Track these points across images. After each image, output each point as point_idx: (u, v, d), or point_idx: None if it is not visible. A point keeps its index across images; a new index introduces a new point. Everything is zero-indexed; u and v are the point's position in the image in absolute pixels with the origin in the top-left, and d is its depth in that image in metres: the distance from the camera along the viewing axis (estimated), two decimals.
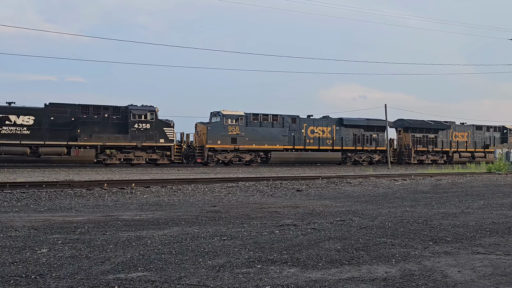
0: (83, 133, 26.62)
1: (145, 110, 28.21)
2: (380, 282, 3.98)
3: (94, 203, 9.84)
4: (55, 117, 26.24)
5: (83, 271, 4.23)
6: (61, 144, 26.12)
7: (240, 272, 4.23)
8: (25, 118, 25.68)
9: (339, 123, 34.53)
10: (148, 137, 28.04)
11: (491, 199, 11.03)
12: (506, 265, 4.56)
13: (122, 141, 27.53)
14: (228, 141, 30.36)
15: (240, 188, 13.36)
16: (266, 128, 31.75)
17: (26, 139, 25.42)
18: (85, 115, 26.92)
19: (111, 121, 27.46)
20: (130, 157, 28.12)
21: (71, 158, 26.51)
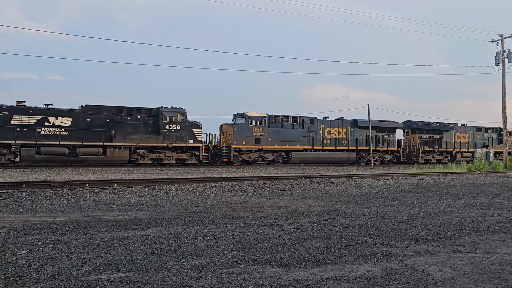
0: (118, 134, 27.52)
1: (175, 112, 29.21)
2: (362, 281, 4.01)
3: (76, 204, 9.72)
4: (91, 118, 27.11)
5: (64, 272, 4.17)
6: (98, 144, 26.95)
7: (223, 272, 4.22)
8: (63, 119, 26.43)
9: (353, 125, 36.12)
10: (178, 138, 29.01)
11: (471, 198, 11.21)
12: (485, 263, 4.63)
13: (154, 141, 28.46)
14: (252, 142, 31.57)
15: (224, 188, 13.33)
16: (287, 129, 33.05)
17: (65, 140, 26.19)
18: (119, 117, 27.83)
19: (143, 123, 28.44)
20: (161, 157, 29.04)
21: (106, 158, 27.39)
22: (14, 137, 25.02)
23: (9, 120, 25.19)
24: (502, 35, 32.25)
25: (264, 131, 31.95)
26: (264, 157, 32.47)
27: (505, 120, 32.47)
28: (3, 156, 25.16)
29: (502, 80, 31.91)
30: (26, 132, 25.36)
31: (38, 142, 25.48)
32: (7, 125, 25.00)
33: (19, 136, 25.15)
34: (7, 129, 24.98)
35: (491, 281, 4.01)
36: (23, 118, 25.53)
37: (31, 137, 25.38)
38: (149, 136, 28.35)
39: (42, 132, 25.72)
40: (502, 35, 32.27)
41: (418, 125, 39.71)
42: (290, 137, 32.95)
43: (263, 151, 32.36)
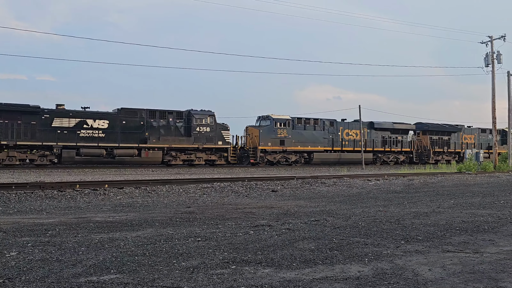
0: (152, 136, 28.68)
1: (205, 115, 30.47)
2: (353, 281, 4.02)
3: (66, 205, 9.65)
4: (127, 121, 28.29)
5: (54, 274, 4.14)
6: (133, 146, 28.17)
7: (215, 273, 4.22)
8: (100, 122, 27.62)
9: (370, 127, 37.90)
10: (208, 140, 30.28)
11: (461, 199, 11.29)
12: (474, 263, 4.67)
13: (185, 143, 29.68)
14: (277, 143, 33.05)
15: (215, 189, 13.32)
16: (309, 131, 34.64)
17: (102, 142, 27.34)
18: (152, 119, 28.98)
19: (175, 125, 29.64)
20: (192, 158, 30.17)
21: (141, 159, 28.65)
22: (56, 139, 26.09)
23: (50, 122, 26.25)
24: (491, 37, 32.55)
25: (288, 132, 33.36)
26: (287, 158, 33.82)
27: (494, 121, 32.77)
28: (45, 157, 26.20)
29: (491, 81, 32.21)
30: (66, 134, 26.48)
31: (78, 144, 26.62)
32: (48, 127, 26.11)
33: (60, 138, 26.23)
34: (49, 132, 26.03)
35: (480, 281, 4.04)
36: (63, 120, 26.67)
37: (71, 139, 26.52)
38: (180, 138, 29.56)
39: (81, 134, 26.89)
40: (491, 36, 32.57)
41: (429, 127, 41.50)
42: (312, 138, 34.41)
43: (287, 152, 33.68)
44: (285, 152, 33.62)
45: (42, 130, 25.89)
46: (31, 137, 25.68)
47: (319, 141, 34.81)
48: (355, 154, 36.05)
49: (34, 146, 26.07)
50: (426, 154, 40.51)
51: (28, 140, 25.62)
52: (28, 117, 25.77)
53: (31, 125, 25.69)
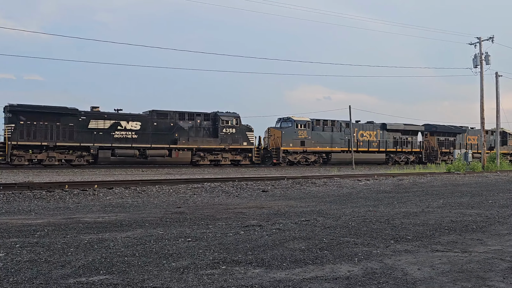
0: (181, 137, 29.98)
1: (231, 116, 31.91)
2: (343, 281, 4.04)
3: (55, 206, 9.58)
4: (158, 122, 29.58)
5: (42, 276, 4.11)
6: (164, 147, 29.41)
7: (205, 274, 4.21)
8: (133, 123, 28.85)
9: (382, 128, 39.44)
10: (234, 140, 31.65)
11: (450, 198, 11.38)
12: (463, 262, 4.71)
13: (212, 144, 31.05)
14: (298, 144, 34.49)
15: (206, 189, 13.29)
16: (327, 132, 36.20)
17: (135, 143, 28.62)
18: (181, 121, 30.29)
19: (202, 126, 31.00)
20: (218, 158, 31.49)
21: (172, 160, 29.84)
22: (92, 140, 27.38)
23: (87, 124, 27.47)
24: (480, 38, 32.85)
25: (308, 134, 34.94)
26: (307, 158, 35.26)
27: (483, 121, 33.08)
28: (83, 158, 27.43)
29: (480, 82, 32.52)
30: (101, 136, 27.73)
31: (113, 144, 27.86)
32: (85, 129, 27.33)
33: (96, 139, 27.51)
34: (86, 133, 27.29)
35: (468, 280, 4.08)
36: (99, 122, 27.93)
37: (106, 140, 27.78)
38: (208, 139, 30.90)
39: (115, 136, 28.14)
40: (480, 37, 32.87)
41: (436, 128, 43.09)
42: (330, 139, 35.94)
43: (307, 153, 35.14)
44: (305, 152, 35.00)
45: (80, 131, 27.12)
46: (69, 139, 26.90)
47: (336, 142, 36.27)
48: (369, 154, 37.82)
49: (72, 147, 27.14)
50: (434, 155, 42.00)
51: (66, 141, 26.83)
52: (66, 119, 26.93)
53: (69, 126, 26.91)
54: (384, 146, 38.96)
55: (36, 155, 26.48)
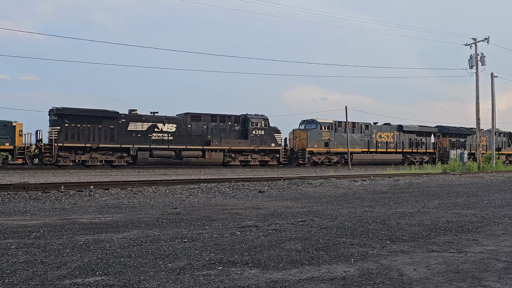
0: (214, 138, 31.35)
1: (260, 119, 33.43)
2: (339, 281, 4.04)
3: (51, 206, 9.55)
4: (192, 125, 31.00)
5: (38, 277, 4.09)
6: (198, 148, 30.88)
7: (201, 275, 4.21)
8: (169, 126, 30.20)
9: (399, 129, 40.93)
10: (262, 142, 33.18)
11: (445, 199, 11.42)
12: (459, 262, 4.73)
13: (243, 145, 32.52)
14: (322, 145, 36.11)
15: (202, 190, 13.28)
16: (348, 134, 36.78)
17: (171, 144, 29.96)
18: (214, 123, 31.70)
19: (233, 128, 32.50)
20: (248, 159, 32.95)
21: (205, 160, 31.36)
22: (132, 142, 28.76)
23: (126, 126, 28.83)
24: (475, 39, 32.96)
25: (331, 135, 36.51)
26: (330, 158, 36.84)
27: (478, 121, 33.19)
28: (123, 159, 28.83)
29: (475, 83, 32.63)
30: (140, 137, 29.07)
31: (151, 146, 29.21)
32: (125, 131, 28.69)
33: (135, 141, 28.87)
34: (125, 135, 28.67)
35: (464, 280, 4.09)
36: (137, 124, 29.24)
37: (144, 142, 29.12)
38: (239, 140, 32.41)
39: (152, 137, 29.43)
40: (475, 38, 32.98)
41: (449, 130, 44.71)
42: (351, 141, 36.76)
43: (330, 153, 36.71)
44: (329, 153, 36.55)
45: (120, 133, 28.49)
46: (110, 140, 28.28)
47: (357, 143, 37.66)
48: (387, 155, 39.27)
49: (114, 148, 28.46)
50: (446, 155, 42.90)
51: (107, 143, 28.19)
52: (107, 121, 28.29)
53: (110, 129, 28.27)
54: (400, 147, 40.47)
55: (80, 156, 27.71)
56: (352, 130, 37.57)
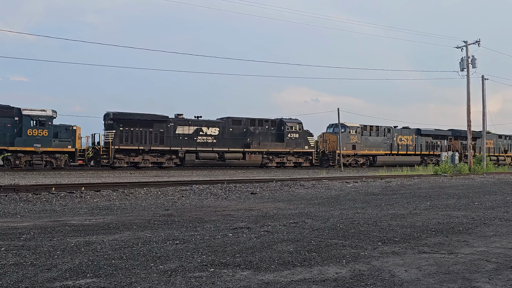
0: (253, 141, 33.05)
1: (295, 122, 35.05)
2: (331, 282, 4.05)
3: (41, 208, 9.48)
4: (233, 128, 32.78)
5: (28, 279, 4.06)
6: (239, 150, 32.54)
7: (193, 276, 4.19)
8: (212, 129, 31.88)
9: (417, 133, 42.81)
10: (297, 144, 34.75)
11: (436, 200, 11.48)
12: (449, 264, 4.75)
13: (279, 147, 34.19)
14: (350, 148, 37.72)
15: (194, 191, 13.25)
16: (373, 137, 39.52)
17: (215, 147, 31.63)
18: (253, 127, 33.42)
19: (270, 131, 34.11)
20: (284, 161, 34.56)
21: (245, 162, 32.96)
22: (180, 145, 30.47)
23: (174, 130, 30.57)
24: (466, 42, 33.21)
25: (358, 138, 38.34)
26: (357, 160, 38.54)
27: (469, 124, 33.43)
28: (171, 161, 30.43)
29: (466, 85, 32.87)
30: (187, 140, 30.78)
31: (197, 148, 30.92)
32: (173, 134, 30.38)
33: (182, 143, 30.57)
34: (174, 138, 30.32)
35: (455, 281, 4.11)
36: (184, 128, 31.01)
37: (191, 144, 30.84)
38: (276, 143, 34.03)
39: (198, 140, 31.16)
40: (466, 41, 33.23)
41: (460, 133, 45.97)
42: (376, 143, 39.34)
43: (357, 156, 38.50)
44: (356, 155, 38.38)
45: (169, 136, 30.14)
46: (160, 143, 29.88)
47: (381, 146, 39.69)
48: (407, 157, 40.87)
49: (164, 150, 30.09)
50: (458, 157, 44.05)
51: (158, 145, 29.81)
52: (158, 125, 29.97)
53: (160, 132, 29.90)
54: (419, 149, 42.34)
55: (133, 158, 29.39)
56: (376, 134, 39.66)
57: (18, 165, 26.21)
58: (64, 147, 27.24)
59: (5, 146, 25.65)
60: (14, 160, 26.15)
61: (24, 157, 26.42)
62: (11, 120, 26.07)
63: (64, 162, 27.34)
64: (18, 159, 26.19)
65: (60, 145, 27.12)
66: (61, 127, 27.56)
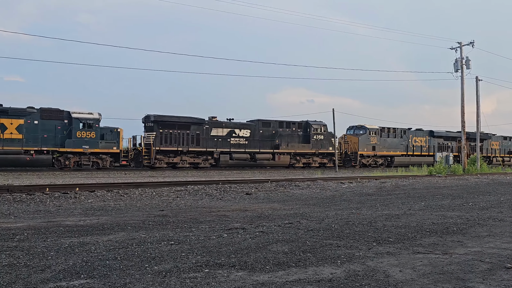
0: (282, 143, 34.66)
1: (320, 124, 36.84)
2: (326, 283, 4.05)
3: (35, 209, 9.43)
4: (263, 130, 34.47)
5: (21, 280, 4.03)
6: (269, 151, 34.19)
7: (187, 277, 4.18)
8: (244, 131, 33.52)
9: (430, 135, 44.63)
10: (322, 146, 36.58)
11: (431, 201, 11.52)
12: (444, 264, 4.77)
13: (306, 149, 35.92)
14: (370, 149, 39.73)
15: (189, 192, 13.23)
16: (391, 138, 41.40)
17: (247, 148, 33.28)
18: (281, 129, 35.00)
19: (297, 133, 35.71)
20: (309, 161, 36.35)
21: (275, 162, 34.66)
22: (215, 146, 31.94)
23: (210, 132, 32.05)
24: (460, 43, 33.34)
25: (377, 140, 40.20)
26: (376, 161, 40.34)
27: (463, 124, 33.57)
28: (207, 161, 31.95)
29: (460, 86, 33.00)
30: (221, 142, 32.27)
31: (231, 150, 32.44)
32: (208, 136, 31.88)
33: (217, 145, 32.05)
34: (209, 140, 31.86)
35: (449, 281, 4.13)
36: (219, 130, 32.47)
37: (225, 146, 32.37)
38: (303, 144, 35.71)
39: (231, 142, 32.69)
40: (460, 42, 33.36)
41: (469, 135, 47.18)
42: (393, 145, 41.25)
43: (377, 156, 40.36)
44: (375, 156, 40.25)
45: (205, 138, 31.66)
46: (196, 144, 31.40)
47: (398, 147, 41.51)
48: (421, 158, 42.20)
49: (200, 152, 31.66)
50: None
51: (194, 147, 31.34)
52: (195, 127, 31.53)
53: (196, 134, 31.48)
54: (432, 150, 43.88)
55: (172, 158, 30.83)
56: (394, 135, 41.61)
57: (68, 165, 27.67)
58: (110, 148, 28.85)
59: (57, 147, 27.28)
60: (64, 160, 27.60)
61: (73, 158, 27.96)
62: (61, 123, 27.65)
63: (109, 163, 28.95)
64: (68, 159, 27.74)
65: (106, 147, 28.74)
66: (107, 129, 29.07)
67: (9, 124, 26.28)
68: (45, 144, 26.88)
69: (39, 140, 26.70)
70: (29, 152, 26.53)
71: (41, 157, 26.93)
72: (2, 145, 25.76)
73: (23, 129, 26.42)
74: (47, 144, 26.94)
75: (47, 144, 26.93)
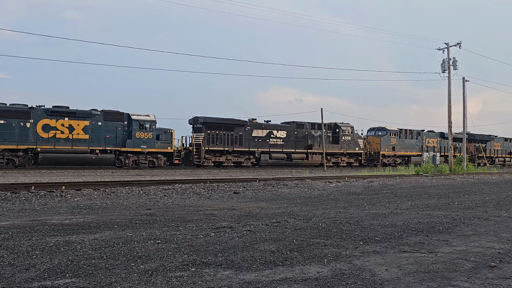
0: (314, 143, 37.62)
1: (348, 126, 40.02)
2: (312, 282, 4.06)
3: (20, 207, 9.32)
4: (298, 131, 37.30)
5: (5, 279, 3.98)
6: (303, 151, 37.14)
7: (174, 276, 4.16)
8: (281, 132, 36.36)
9: (441, 136, 48.13)
10: (349, 146, 39.72)
11: (418, 200, 11.61)
12: (429, 263, 4.81)
13: (335, 149, 39.09)
14: (390, 149, 42.95)
15: (177, 191, 13.17)
16: (408, 139, 44.58)
17: (284, 148, 36.07)
18: (313, 130, 37.86)
19: (327, 135, 38.78)
20: (338, 161, 39.33)
21: (308, 162, 37.38)
22: (256, 146, 34.81)
23: (251, 133, 34.96)
24: (448, 44, 33.66)
25: (396, 141, 43.34)
26: (395, 160, 43.10)
27: (450, 125, 33.90)
28: (249, 160, 34.64)
29: (447, 87, 33.32)
30: (261, 142, 35.11)
31: (270, 150, 35.22)
32: (250, 136, 34.76)
33: (258, 145, 34.94)
34: (251, 140, 34.74)
35: (434, 280, 4.16)
36: (259, 131, 35.31)
37: (264, 146, 35.24)
38: (333, 145, 38.95)
39: (270, 142, 35.51)
40: (448, 43, 33.68)
41: (474, 136, 50.67)
42: (410, 145, 44.50)
43: (396, 156, 43.42)
44: (395, 156, 43.13)
45: (247, 139, 34.39)
46: (239, 144, 34.09)
47: (414, 147, 44.68)
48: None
49: (243, 151, 34.36)
50: (472, 159, 47.56)
51: (238, 146, 34.03)
52: (238, 129, 34.32)
53: (239, 135, 34.19)
54: (443, 151, 46.63)
55: (218, 158, 33.27)
56: (410, 136, 44.68)
57: (127, 164, 30.02)
58: (165, 148, 31.37)
59: (118, 147, 29.80)
60: (124, 159, 29.96)
61: (132, 157, 30.31)
62: (121, 124, 30.10)
63: (163, 162, 31.25)
64: (127, 158, 30.11)
65: (161, 147, 31.21)
66: (161, 130, 31.44)
67: (76, 125, 28.62)
68: (108, 144, 29.29)
69: (102, 140, 29.06)
70: (94, 151, 28.86)
71: (106, 156, 29.26)
72: (71, 145, 28.08)
73: (88, 130, 28.78)
74: (110, 144, 29.35)
75: (109, 144, 29.34)
